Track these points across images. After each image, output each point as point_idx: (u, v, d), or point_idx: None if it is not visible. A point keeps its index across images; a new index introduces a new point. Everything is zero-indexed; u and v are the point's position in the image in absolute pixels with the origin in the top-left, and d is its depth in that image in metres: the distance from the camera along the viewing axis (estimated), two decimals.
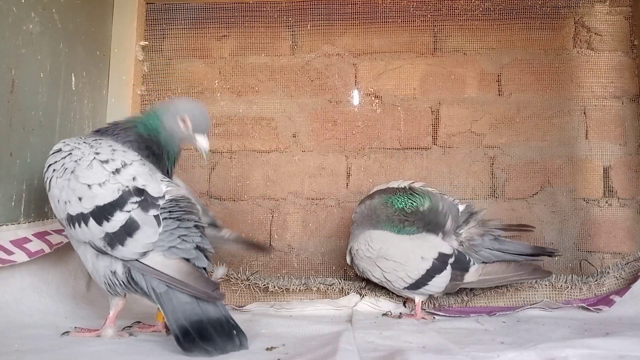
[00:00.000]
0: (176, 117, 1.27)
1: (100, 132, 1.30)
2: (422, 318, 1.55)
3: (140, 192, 1.14)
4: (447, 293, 1.62)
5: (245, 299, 1.75)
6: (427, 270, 1.53)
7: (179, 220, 1.15)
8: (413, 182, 1.68)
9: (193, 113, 1.28)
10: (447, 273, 1.54)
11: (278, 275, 1.91)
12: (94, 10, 1.85)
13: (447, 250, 1.57)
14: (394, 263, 1.55)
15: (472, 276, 1.56)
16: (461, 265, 1.56)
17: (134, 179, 1.15)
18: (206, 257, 1.16)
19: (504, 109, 1.97)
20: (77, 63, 1.73)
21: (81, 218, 1.13)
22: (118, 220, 1.11)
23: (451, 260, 1.55)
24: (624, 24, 1.97)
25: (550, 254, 1.64)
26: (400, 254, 1.55)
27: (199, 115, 1.29)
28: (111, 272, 1.14)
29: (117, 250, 1.10)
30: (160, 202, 1.15)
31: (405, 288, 1.57)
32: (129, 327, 1.32)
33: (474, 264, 1.57)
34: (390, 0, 2.01)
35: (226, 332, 1.06)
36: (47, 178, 1.20)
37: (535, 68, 1.98)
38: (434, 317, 1.57)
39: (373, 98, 2.01)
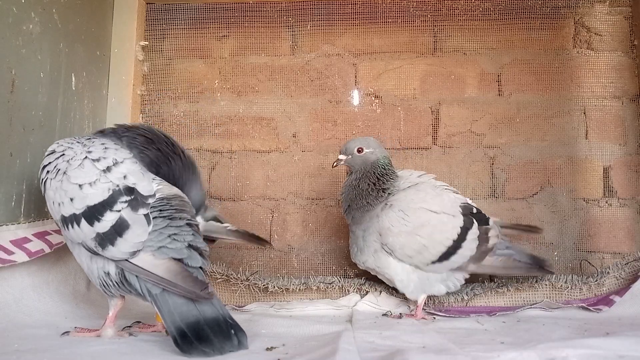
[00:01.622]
0: None
1: (104, 133, 1.30)
2: (422, 318, 1.55)
3: (130, 190, 1.14)
4: (476, 261, 1.55)
5: (245, 299, 1.75)
6: (461, 227, 1.54)
7: (169, 218, 1.15)
8: (423, 174, 1.68)
9: None
10: (475, 229, 1.55)
11: (278, 275, 1.91)
12: (94, 10, 1.85)
13: (463, 197, 1.63)
14: (431, 227, 1.53)
15: (494, 233, 1.58)
16: (481, 217, 1.59)
17: (124, 177, 1.15)
18: (201, 255, 1.16)
19: (504, 109, 1.97)
20: (77, 63, 1.73)
21: (74, 219, 1.13)
22: (108, 220, 1.11)
23: (473, 209, 1.59)
24: (624, 24, 1.97)
25: (543, 266, 1.61)
26: (434, 215, 1.54)
27: None
28: (105, 273, 1.15)
29: (107, 250, 1.10)
30: (151, 201, 1.15)
31: (438, 258, 1.53)
32: (129, 327, 1.32)
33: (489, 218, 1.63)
34: (390, 0, 2.01)
35: (224, 332, 1.06)
36: (42, 180, 1.21)
37: (535, 68, 1.98)
38: (434, 317, 1.57)
39: (373, 98, 2.01)
